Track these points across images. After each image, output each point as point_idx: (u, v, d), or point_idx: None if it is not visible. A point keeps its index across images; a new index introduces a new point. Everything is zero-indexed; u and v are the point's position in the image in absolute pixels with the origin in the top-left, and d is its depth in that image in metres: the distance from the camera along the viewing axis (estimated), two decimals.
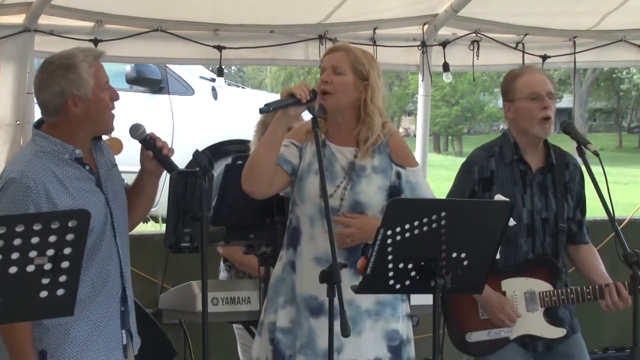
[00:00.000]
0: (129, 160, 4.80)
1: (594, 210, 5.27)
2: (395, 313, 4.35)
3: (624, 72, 39.73)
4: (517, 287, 4.68)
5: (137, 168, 4.14)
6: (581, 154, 4.54)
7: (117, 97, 4.00)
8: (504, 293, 4.68)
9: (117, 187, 4.08)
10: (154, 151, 4.01)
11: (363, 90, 4.31)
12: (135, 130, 4.02)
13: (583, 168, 4.69)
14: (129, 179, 4.21)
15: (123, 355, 4.05)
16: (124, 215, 4.09)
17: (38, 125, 4.02)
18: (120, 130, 4.11)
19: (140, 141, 4.03)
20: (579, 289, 4.64)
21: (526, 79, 4.72)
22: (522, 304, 4.67)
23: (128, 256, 4.12)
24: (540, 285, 4.67)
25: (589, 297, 4.63)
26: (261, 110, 4.13)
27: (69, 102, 3.90)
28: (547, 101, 4.64)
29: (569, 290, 4.65)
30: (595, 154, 4.46)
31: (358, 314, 4.27)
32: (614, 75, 41.16)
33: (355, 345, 4.25)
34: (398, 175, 4.36)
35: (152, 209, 4.37)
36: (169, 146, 4.04)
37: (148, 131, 4.03)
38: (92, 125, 3.97)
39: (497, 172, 4.72)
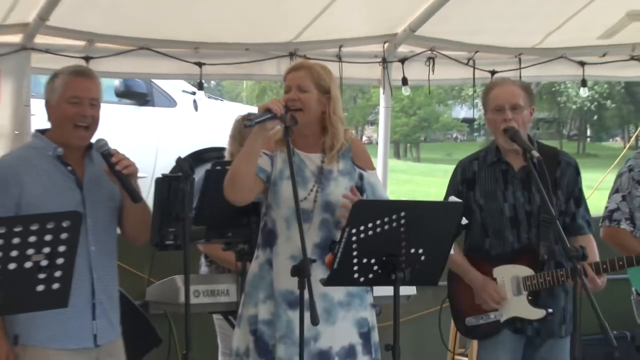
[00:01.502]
0: None
1: None
2: (363, 303, 4.35)
3: (562, 86, 40.03)
4: (505, 274, 4.68)
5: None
6: (526, 160, 4.54)
7: (84, 113, 3.99)
8: (495, 280, 4.69)
9: (103, 193, 4.08)
10: (110, 165, 3.97)
11: (326, 103, 4.30)
12: (97, 143, 4.03)
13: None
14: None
15: (94, 343, 4.02)
16: (105, 218, 4.08)
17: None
18: (109, 140, 4.08)
19: (100, 154, 4.02)
20: (554, 272, 4.61)
21: (495, 92, 4.70)
22: (509, 288, 4.66)
23: (109, 256, 4.11)
24: (524, 271, 4.65)
25: (562, 279, 4.60)
26: (246, 126, 4.13)
27: (47, 106, 4.05)
28: (507, 113, 4.59)
29: (546, 274, 4.62)
30: (538, 159, 4.45)
31: (332, 306, 4.26)
32: (553, 89, 41.42)
33: (331, 333, 4.25)
34: (361, 177, 4.38)
35: None
36: (130, 163, 3.97)
37: (134, 141, 4.03)
38: (58, 132, 4.04)
39: (480, 173, 4.76)
